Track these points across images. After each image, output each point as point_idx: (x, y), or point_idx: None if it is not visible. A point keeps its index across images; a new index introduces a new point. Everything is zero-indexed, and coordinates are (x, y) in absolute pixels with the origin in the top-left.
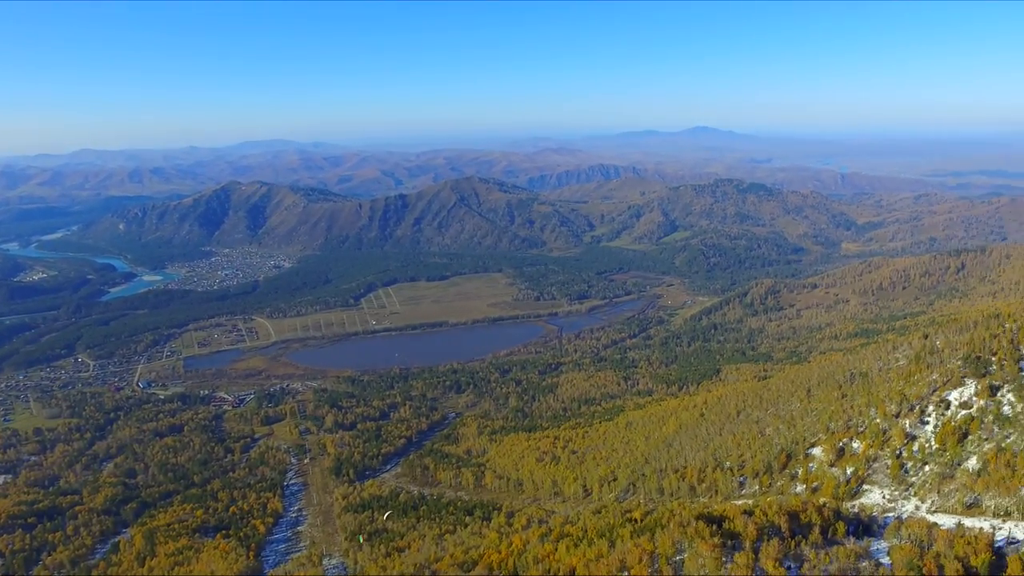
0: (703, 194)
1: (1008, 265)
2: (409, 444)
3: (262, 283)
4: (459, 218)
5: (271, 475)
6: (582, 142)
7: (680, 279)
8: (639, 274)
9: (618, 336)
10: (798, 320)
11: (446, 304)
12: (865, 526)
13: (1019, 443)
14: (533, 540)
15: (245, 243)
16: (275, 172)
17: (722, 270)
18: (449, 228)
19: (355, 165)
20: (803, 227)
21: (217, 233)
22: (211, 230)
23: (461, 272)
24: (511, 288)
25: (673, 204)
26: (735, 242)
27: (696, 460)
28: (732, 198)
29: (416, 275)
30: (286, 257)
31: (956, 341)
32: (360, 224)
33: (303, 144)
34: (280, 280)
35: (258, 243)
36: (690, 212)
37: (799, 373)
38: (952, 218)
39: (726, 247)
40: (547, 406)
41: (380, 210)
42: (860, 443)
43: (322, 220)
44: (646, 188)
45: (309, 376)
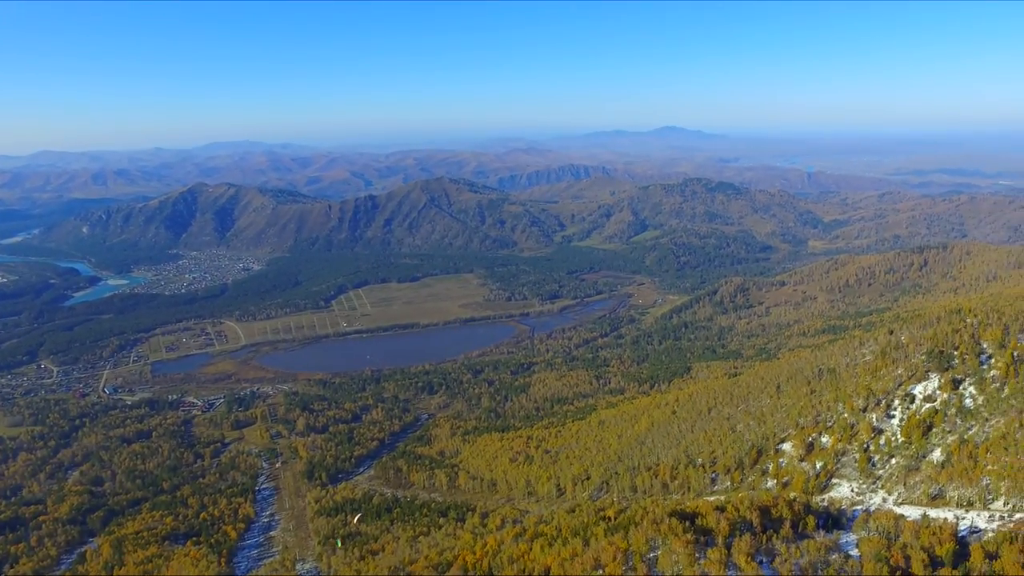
0: (672, 193)
1: (968, 261)
2: (382, 446)
3: (231, 286)
4: (430, 219)
5: (242, 480)
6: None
7: (650, 278)
8: (610, 273)
9: (590, 335)
10: (767, 317)
11: (417, 305)
12: (834, 519)
13: (981, 435)
14: (507, 540)
15: (213, 245)
16: (243, 173)
17: (692, 269)
18: (420, 229)
19: (324, 166)
20: (771, 225)
21: (184, 236)
22: (178, 233)
23: (432, 273)
24: (482, 288)
25: (643, 203)
26: (704, 241)
27: (668, 457)
28: (701, 197)
29: (387, 276)
30: (255, 259)
31: (920, 336)
32: (330, 225)
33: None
34: (249, 283)
35: (226, 245)
36: (660, 211)
37: (769, 370)
38: (915, 216)
39: (696, 246)
40: (520, 406)
41: (350, 211)
42: (829, 438)
43: (291, 222)
44: (616, 188)
45: (280, 379)
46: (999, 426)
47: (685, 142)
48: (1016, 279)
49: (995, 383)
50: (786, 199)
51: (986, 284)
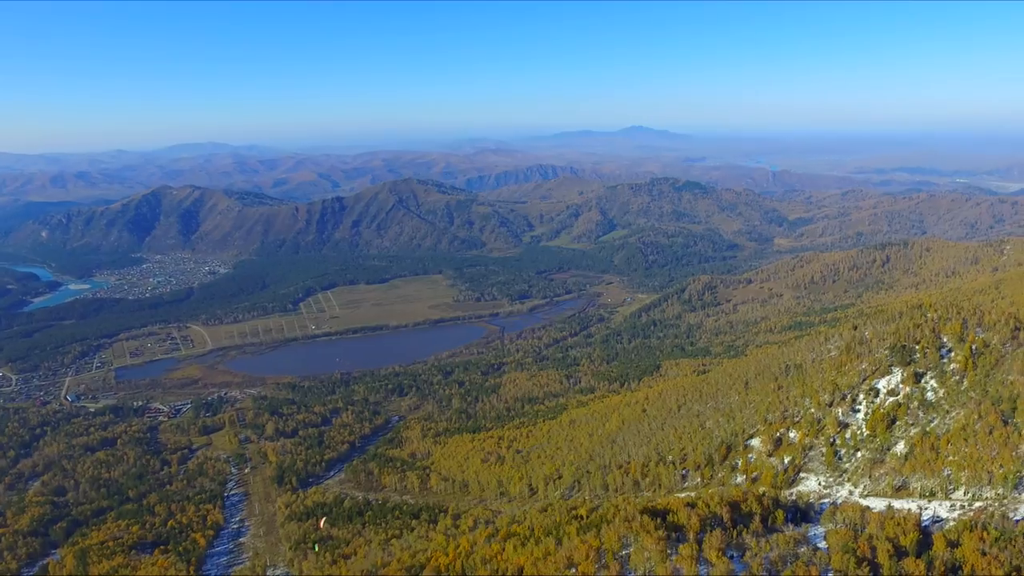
0: (640, 193)
1: (929, 257)
2: (352, 449)
3: (197, 290)
4: (398, 220)
5: (211, 486)
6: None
7: (619, 277)
8: (579, 273)
9: (559, 335)
10: (734, 315)
11: (386, 307)
12: (803, 512)
13: (942, 427)
14: (480, 541)
15: (178, 249)
16: (208, 176)
17: (660, 267)
18: (388, 230)
19: (291, 168)
20: (737, 224)
21: (148, 239)
22: (141, 236)
23: (401, 274)
24: (452, 289)
25: (611, 203)
26: (672, 240)
27: (639, 455)
28: (668, 196)
29: (355, 278)
30: (221, 263)
31: (883, 331)
32: (297, 228)
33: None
34: (215, 286)
35: (192, 249)
36: (627, 211)
37: (737, 366)
38: (877, 213)
39: (663, 245)
40: (491, 406)
41: (317, 213)
42: (796, 433)
43: (258, 224)
44: (584, 187)
45: (248, 383)
46: (959, 418)
47: (652, 142)
48: (973, 274)
49: (955, 376)
50: (752, 198)
51: (945, 279)
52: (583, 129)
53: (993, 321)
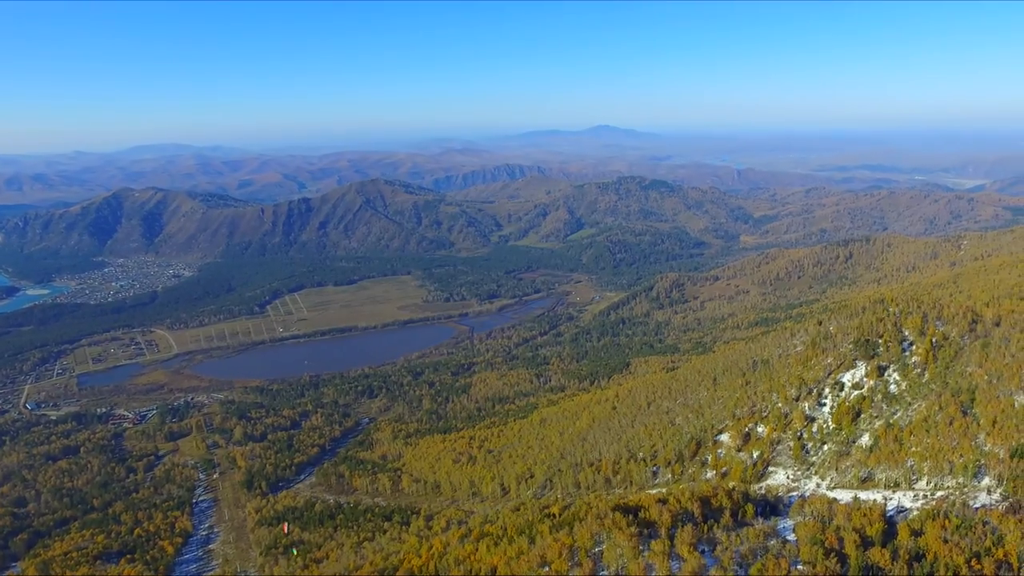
0: (607, 192)
1: (890, 253)
2: (323, 452)
3: (161, 293)
4: (365, 221)
5: (178, 493)
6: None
7: (588, 276)
8: (547, 272)
9: (529, 334)
10: (702, 311)
11: (355, 308)
12: (772, 506)
13: (905, 419)
14: (453, 542)
15: (141, 252)
16: (171, 178)
17: (628, 266)
18: (355, 231)
19: (256, 169)
20: (704, 222)
21: (110, 242)
22: (103, 239)
23: (369, 275)
24: (420, 290)
25: (578, 202)
26: (640, 238)
27: (610, 452)
28: (635, 195)
29: (323, 280)
30: (186, 266)
31: (847, 326)
32: (263, 229)
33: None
34: (180, 289)
35: (155, 252)
36: (595, 209)
37: (705, 363)
38: (839, 210)
39: (631, 243)
40: (461, 407)
41: (283, 214)
42: (764, 427)
43: (223, 226)
44: (551, 187)
45: (215, 388)
46: (921, 410)
47: (618, 141)
48: (933, 269)
49: (916, 369)
50: (718, 196)
51: (906, 274)
52: (550, 129)
53: (952, 314)
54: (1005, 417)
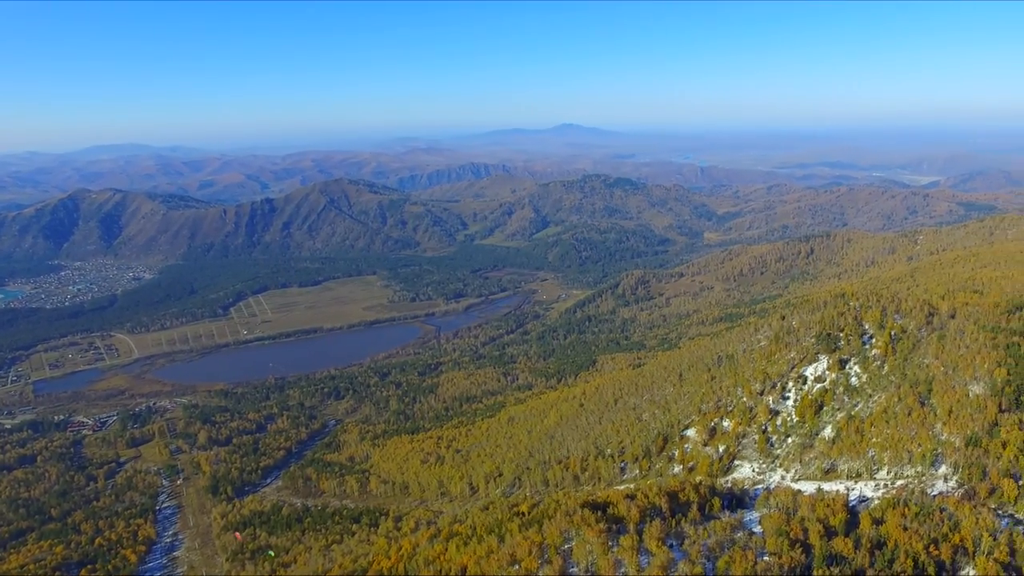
0: (572, 190)
1: (849, 248)
2: (289, 455)
3: (120, 297)
4: (330, 221)
5: (141, 500)
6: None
7: (554, 274)
8: (513, 271)
9: (496, 333)
10: (667, 308)
11: (320, 310)
12: (738, 499)
13: (865, 410)
14: (423, 542)
15: (99, 255)
16: (129, 178)
17: (594, 263)
18: (320, 232)
19: (217, 169)
20: (668, 219)
21: (66, 245)
22: (59, 242)
23: (334, 276)
24: (386, 290)
25: (543, 200)
26: (605, 236)
27: (578, 450)
28: (600, 193)
29: (287, 281)
30: (146, 268)
31: (809, 320)
32: (226, 231)
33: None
34: (141, 293)
35: (114, 254)
36: (560, 208)
37: (671, 359)
38: (800, 207)
39: (596, 241)
40: (429, 407)
41: (246, 215)
42: (730, 422)
43: (184, 228)
44: (516, 185)
45: (178, 392)
46: (881, 401)
47: (583, 139)
48: (891, 264)
49: (876, 361)
50: (682, 193)
51: (865, 269)
52: (514, 127)
53: (909, 308)
54: (960, 407)
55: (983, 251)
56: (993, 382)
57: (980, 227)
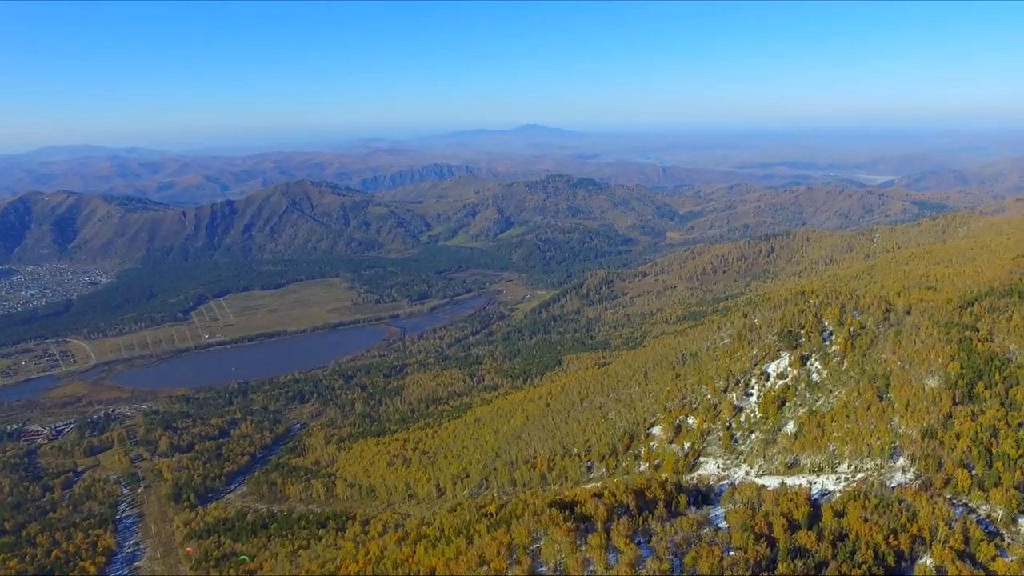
0: (536, 190)
1: (809, 247)
2: (254, 461)
3: (76, 302)
4: (292, 223)
5: (100, 510)
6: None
7: (518, 274)
8: (478, 271)
9: (461, 334)
10: (632, 307)
11: (283, 312)
12: (704, 495)
13: (826, 405)
14: (391, 546)
15: (53, 259)
16: (84, 180)
17: (558, 263)
18: (282, 234)
19: (176, 171)
20: (631, 219)
21: (18, 249)
22: (9, 246)
23: (297, 279)
24: (350, 292)
25: (507, 201)
26: (569, 236)
27: (545, 449)
28: (564, 193)
29: (249, 284)
30: (103, 272)
31: (771, 318)
32: (185, 233)
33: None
34: (98, 297)
35: (68, 258)
36: (524, 208)
37: (636, 358)
38: (761, 206)
39: (560, 241)
40: (395, 409)
41: (206, 218)
42: (695, 419)
43: (142, 231)
44: (480, 186)
45: (138, 398)
46: (841, 396)
47: (546, 139)
48: (849, 261)
49: (836, 357)
50: (644, 193)
51: (825, 267)
52: (477, 128)
53: (867, 304)
54: (917, 400)
55: (936, 249)
56: (947, 375)
57: (933, 225)
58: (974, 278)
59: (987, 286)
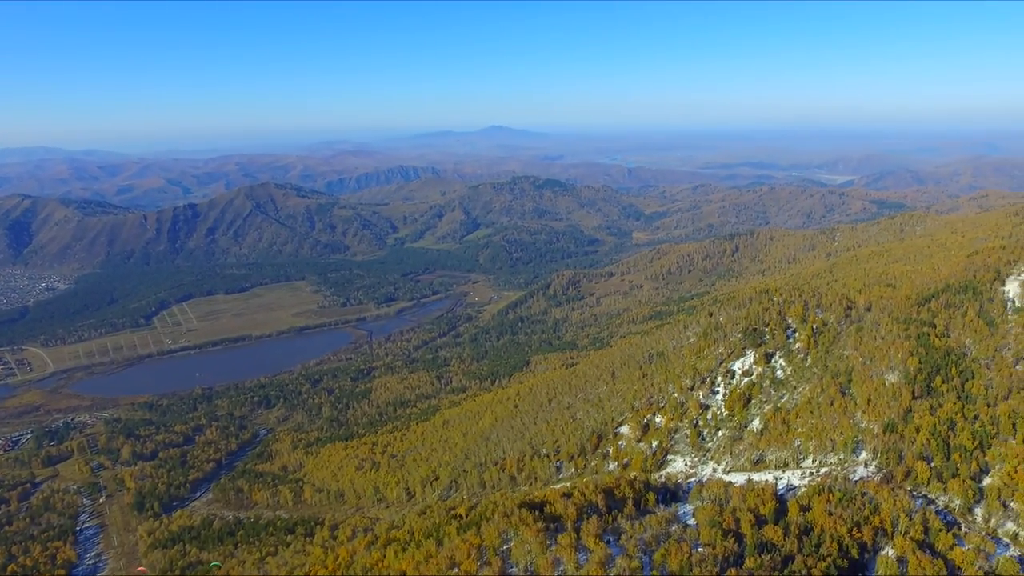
0: (502, 192)
1: (772, 246)
2: (219, 467)
3: (32, 308)
4: (256, 226)
5: (60, 521)
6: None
7: (485, 276)
8: (445, 273)
9: (428, 336)
10: (598, 307)
11: (248, 317)
12: (672, 493)
13: (791, 402)
14: (360, 550)
15: (7, 264)
16: (39, 183)
17: (525, 264)
18: (246, 237)
19: (136, 174)
20: (597, 219)
21: None
22: None
23: (262, 282)
24: (316, 295)
25: (474, 202)
26: (535, 237)
27: (514, 450)
28: (530, 194)
29: (213, 288)
30: (61, 278)
31: (736, 316)
32: (146, 237)
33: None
34: (55, 303)
35: (24, 264)
36: (491, 210)
37: (603, 357)
38: (725, 206)
39: (527, 242)
40: (362, 412)
41: (168, 221)
42: (662, 417)
43: (102, 235)
44: (446, 188)
45: (98, 406)
46: (805, 392)
47: (512, 141)
48: (811, 260)
49: (800, 354)
50: (610, 194)
51: (787, 265)
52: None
53: (829, 302)
54: (878, 395)
55: (895, 247)
56: (907, 370)
57: (892, 224)
58: (931, 275)
59: (943, 283)
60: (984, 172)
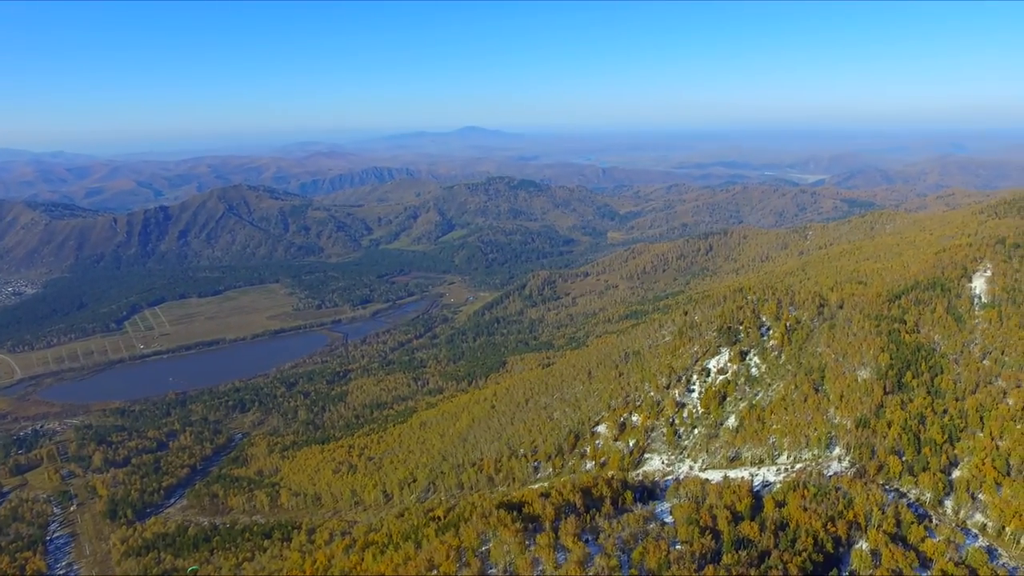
0: (477, 192)
1: (746, 245)
2: (194, 473)
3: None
4: (229, 228)
5: (29, 531)
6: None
7: (461, 276)
8: (420, 274)
9: (404, 338)
10: (574, 307)
11: (222, 320)
12: (649, 491)
13: (765, 399)
14: (338, 553)
15: None
16: (4, 186)
17: (500, 265)
18: (219, 240)
19: (106, 176)
20: (572, 219)
21: None
22: None
23: (236, 285)
24: (291, 298)
25: (448, 203)
26: (511, 237)
27: (491, 451)
28: (505, 195)
29: (186, 292)
30: (28, 282)
31: (711, 315)
32: (117, 240)
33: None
34: (22, 308)
35: None
36: (466, 210)
37: (579, 357)
38: (699, 205)
39: (502, 243)
40: (339, 415)
41: (139, 224)
42: (639, 416)
43: (70, 238)
44: (421, 189)
45: (68, 413)
46: (779, 389)
47: (486, 142)
48: (784, 258)
49: (774, 352)
50: (585, 194)
51: (761, 264)
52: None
53: (802, 300)
54: (851, 391)
55: (865, 245)
56: (878, 366)
57: (862, 222)
58: (901, 272)
59: (912, 280)
60: (950, 171)
